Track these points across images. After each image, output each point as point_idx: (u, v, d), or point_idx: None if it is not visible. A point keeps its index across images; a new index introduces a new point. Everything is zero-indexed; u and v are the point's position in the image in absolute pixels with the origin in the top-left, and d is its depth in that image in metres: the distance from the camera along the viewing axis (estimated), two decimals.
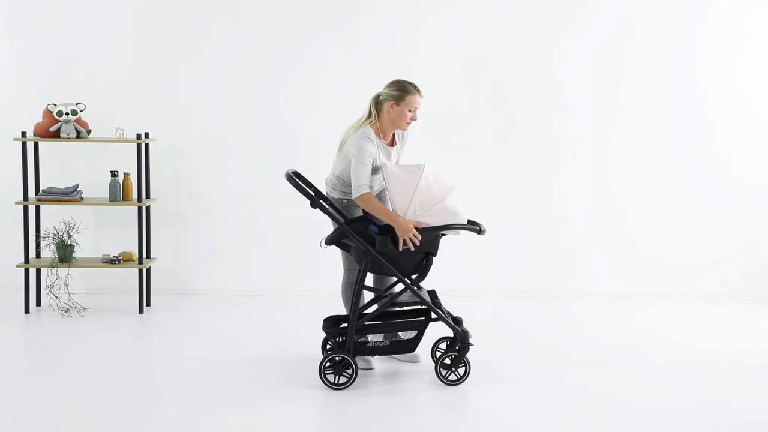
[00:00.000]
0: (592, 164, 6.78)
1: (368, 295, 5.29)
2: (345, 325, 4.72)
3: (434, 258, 4.63)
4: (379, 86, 6.67)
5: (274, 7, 6.65)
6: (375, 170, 4.74)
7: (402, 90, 4.75)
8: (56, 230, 6.16)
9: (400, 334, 4.86)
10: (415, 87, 4.78)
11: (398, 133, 4.92)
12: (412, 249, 4.51)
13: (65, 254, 6.12)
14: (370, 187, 4.67)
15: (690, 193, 6.78)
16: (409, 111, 4.75)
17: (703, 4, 6.69)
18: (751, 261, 6.79)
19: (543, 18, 6.69)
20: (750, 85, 6.74)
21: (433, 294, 4.86)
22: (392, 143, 4.89)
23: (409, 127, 4.87)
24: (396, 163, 4.87)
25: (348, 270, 4.95)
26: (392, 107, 4.75)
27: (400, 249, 4.51)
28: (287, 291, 6.74)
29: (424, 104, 6.60)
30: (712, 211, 6.78)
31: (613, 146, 6.77)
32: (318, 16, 6.67)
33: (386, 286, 4.94)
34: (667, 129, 6.76)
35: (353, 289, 4.68)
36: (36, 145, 6.25)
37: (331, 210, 4.71)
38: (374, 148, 4.68)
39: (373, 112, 4.81)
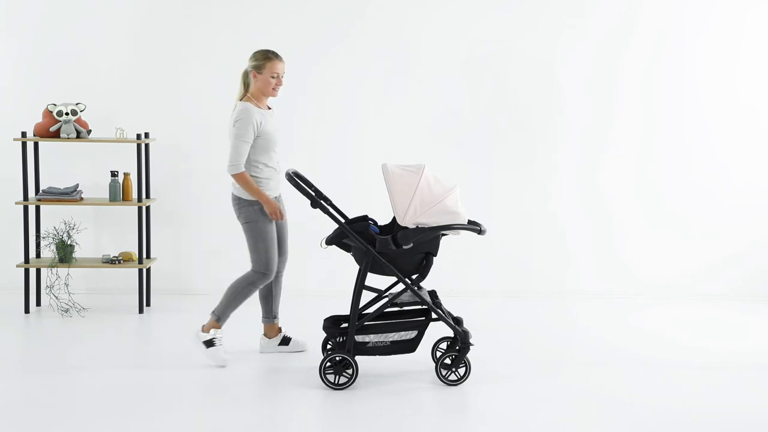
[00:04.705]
0: (592, 164, 6.78)
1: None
2: (345, 325, 4.72)
3: (434, 258, 4.63)
4: (381, 86, 6.74)
5: (275, 8, 6.64)
6: (266, 139, 4.82)
7: (262, 59, 4.85)
8: (56, 230, 6.16)
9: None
10: (274, 54, 4.87)
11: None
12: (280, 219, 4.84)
13: (65, 254, 6.12)
14: (264, 163, 4.84)
15: (691, 193, 6.77)
16: (272, 77, 4.82)
17: (703, 4, 6.69)
18: (751, 262, 6.78)
19: (544, 18, 6.69)
20: (749, 86, 6.73)
21: (433, 294, 4.86)
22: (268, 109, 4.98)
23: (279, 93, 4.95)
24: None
25: (254, 271, 5.00)
26: (255, 77, 4.85)
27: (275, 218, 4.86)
28: (287, 291, 6.70)
29: (425, 104, 6.70)
30: (712, 212, 6.78)
31: (614, 146, 6.77)
32: (320, 16, 6.67)
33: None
34: (668, 129, 6.75)
35: (248, 289, 4.88)
36: (36, 145, 6.25)
37: (331, 210, 4.72)
38: (258, 116, 4.78)
39: (241, 88, 4.91)
